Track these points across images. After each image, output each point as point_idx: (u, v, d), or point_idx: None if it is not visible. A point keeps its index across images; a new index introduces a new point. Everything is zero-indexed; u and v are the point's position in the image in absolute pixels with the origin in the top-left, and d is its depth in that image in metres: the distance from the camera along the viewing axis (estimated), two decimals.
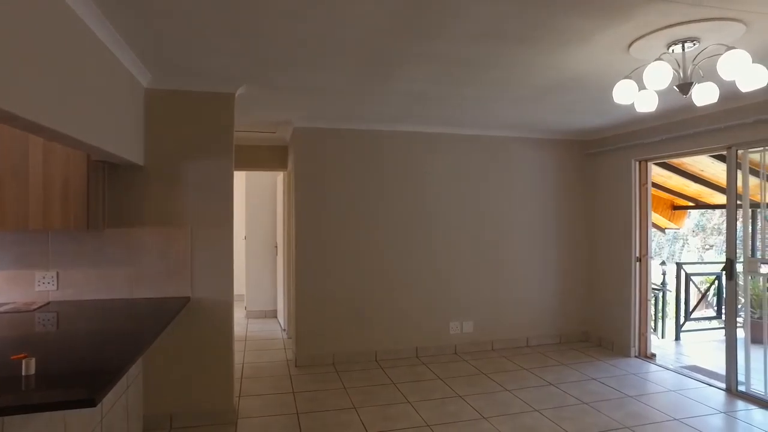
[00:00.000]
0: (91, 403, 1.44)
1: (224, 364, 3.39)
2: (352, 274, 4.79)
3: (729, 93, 3.21)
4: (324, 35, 2.48)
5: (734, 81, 2.44)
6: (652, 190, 6.94)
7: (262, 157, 5.81)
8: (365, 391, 4.00)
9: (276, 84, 3.38)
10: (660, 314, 6.37)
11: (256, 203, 6.85)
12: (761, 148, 3.73)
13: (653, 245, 14.34)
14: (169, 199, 3.27)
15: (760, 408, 3.66)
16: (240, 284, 7.04)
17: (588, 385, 4.13)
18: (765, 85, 2.43)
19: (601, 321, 5.33)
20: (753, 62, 2.33)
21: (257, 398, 3.83)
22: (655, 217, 7.60)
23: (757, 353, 3.89)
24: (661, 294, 6.53)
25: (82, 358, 1.97)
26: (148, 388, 3.23)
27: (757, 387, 3.82)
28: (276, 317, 6.79)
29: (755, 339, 4.78)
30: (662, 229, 8.44)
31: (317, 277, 4.70)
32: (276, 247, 6.66)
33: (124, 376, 2.63)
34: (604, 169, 5.29)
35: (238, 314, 6.82)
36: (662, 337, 6.15)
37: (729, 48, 2.30)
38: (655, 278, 6.71)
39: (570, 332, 5.48)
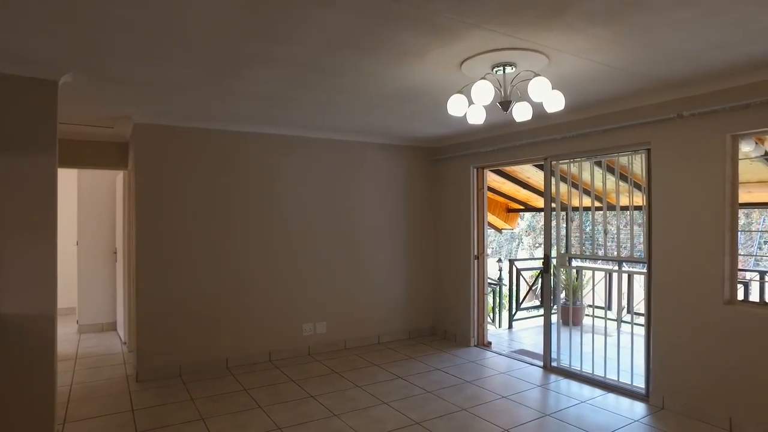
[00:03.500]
0: None
1: (43, 389, 2.98)
2: (200, 279, 4.56)
3: (543, 113, 3.74)
4: (163, 25, 2.34)
5: (542, 102, 2.86)
6: (490, 195, 7.77)
7: (98, 154, 5.24)
8: (214, 400, 3.84)
9: (110, 75, 3.09)
10: (497, 306, 7.13)
11: (91, 205, 6.14)
12: (567, 161, 4.41)
13: (494, 244, 15.93)
14: None
15: (566, 378, 4.33)
16: (71, 295, 6.28)
17: (432, 375, 4.47)
18: (563, 108, 2.90)
19: (446, 315, 5.80)
20: (553, 88, 2.77)
21: (87, 422, 3.44)
22: (492, 219, 8.50)
23: (566, 333, 4.60)
24: (498, 288, 7.30)
25: None
26: None
27: (564, 361, 4.50)
28: (116, 330, 6.16)
29: (567, 322, 5.62)
30: (499, 230, 9.46)
31: (161, 283, 4.39)
32: (115, 252, 6.04)
33: None
34: (446, 175, 5.78)
35: (68, 329, 6.09)
36: (499, 327, 6.87)
37: (536, 74, 2.71)
38: (494, 274, 7.51)
39: (419, 327, 5.88)
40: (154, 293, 4.36)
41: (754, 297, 6.15)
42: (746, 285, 6.04)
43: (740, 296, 4.52)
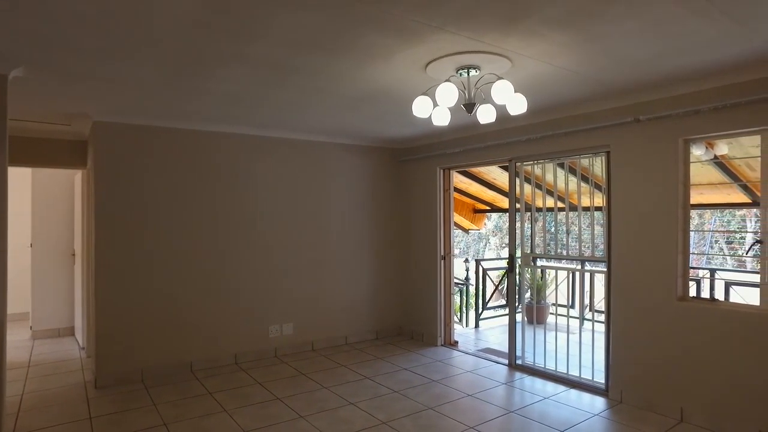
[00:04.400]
0: None
1: None
2: (163, 281, 4.45)
3: (507, 115, 3.81)
4: (123, 21, 2.27)
5: (505, 105, 2.92)
6: (457, 196, 7.88)
7: (54, 152, 5.04)
8: (178, 405, 3.75)
9: (66, 70, 2.97)
10: (464, 306, 7.22)
11: (46, 205, 5.90)
12: (532, 162, 4.51)
13: (462, 245, 16.11)
14: None
15: (530, 375, 4.42)
16: (24, 300, 6.04)
17: (400, 374, 4.49)
18: (525, 111, 2.97)
19: (413, 315, 5.84)
20: (516, 92, 2.83)
21: None
22: (459, 220, 8.62)
23: (531, 332, 4.70)
24: (465, 288, 7.40)
25: None
26: None
27: (529, 359, 4.60)
28: (74, 335, 5.94)
29: (532, 320, 5.74)
30: (466, 230, 9.59)
31: (122, 286, 4.26)
32: (74, 254, 5.83)
33: None
34: (413, 176, 5.82)
35: (20, 336, 5.85)
36: (466, 326, 6.97)
37: (499, 77, 2.76)
38: (461, 274, 7.61)
39: (386, 327, 5.89)
40: (115, 296, 4.23)
41: (706, 294, 6.43)
42: (698, 282, 6.32)
43: (693, 293, 4.73)
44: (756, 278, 3.57)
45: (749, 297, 5.31)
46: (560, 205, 4.38)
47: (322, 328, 5.38)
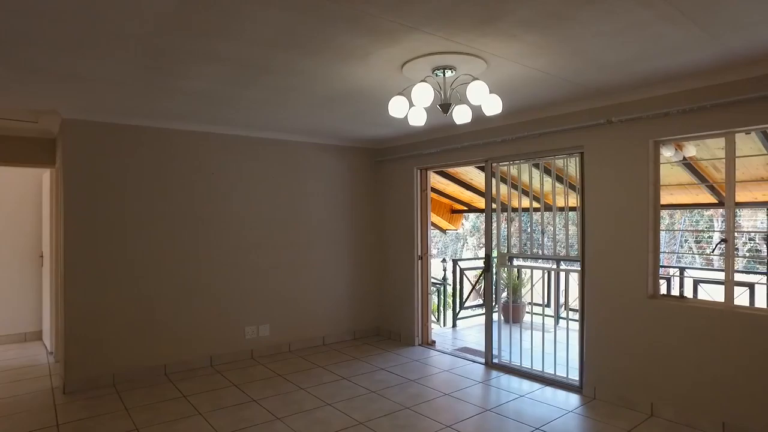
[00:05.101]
0: None
1: None
2: (135, 283, 4.35)
3: (483, 116, 3.84)
4: (89, 16, 2.21)
5: (481, 106, 2.94)
6: (434, 196, 7.91)
7: (21, 150, 4.89)
8: (151, 409, 3.67)
9: (32, 65, 2.88)
10: (442, 305, 7.25)
11: (12, 205, 5.72)
12: (507, 163, 4.56)
13: (440, 245, 16.20)
14: None
15: (506, 374, 4.47)
16: None
17: (377, 375, 4.48)
18: (500, 111, 3.00)
19: (390, 315, 5.84)
20: (491, 92, 2.86)
21: None
22: (437, 220, 8.66)
23: (507, 331, 4.74)
24: (442, 287, 7.43)
25: None
26: None
27: (505, 357, 4.65)
28: (41, 339, 5.76)
29: (508, 319, 5.80)
30: (443, 230, 9.64)
31: (92, 288, 4.15)
32: (41, 256, 5.65)
33: None
34: (391, 176, 5.82)
35: None
36: (444, 326, 6.99)
37: (475, 78, 2.78)
38: (439, 274, 7.64)
39: (364, 328, 5.88)
40: (85, 298, 4.12)
41: (676, 291, 6.60)
42: (668, 280, 6.49)
43: (663, 291, 4.85)
44: (721, 276, 3.68)
45: (716, 294, 5.46)
46: (536, 205, 4.43)
47: (299, 329, 5.34)
